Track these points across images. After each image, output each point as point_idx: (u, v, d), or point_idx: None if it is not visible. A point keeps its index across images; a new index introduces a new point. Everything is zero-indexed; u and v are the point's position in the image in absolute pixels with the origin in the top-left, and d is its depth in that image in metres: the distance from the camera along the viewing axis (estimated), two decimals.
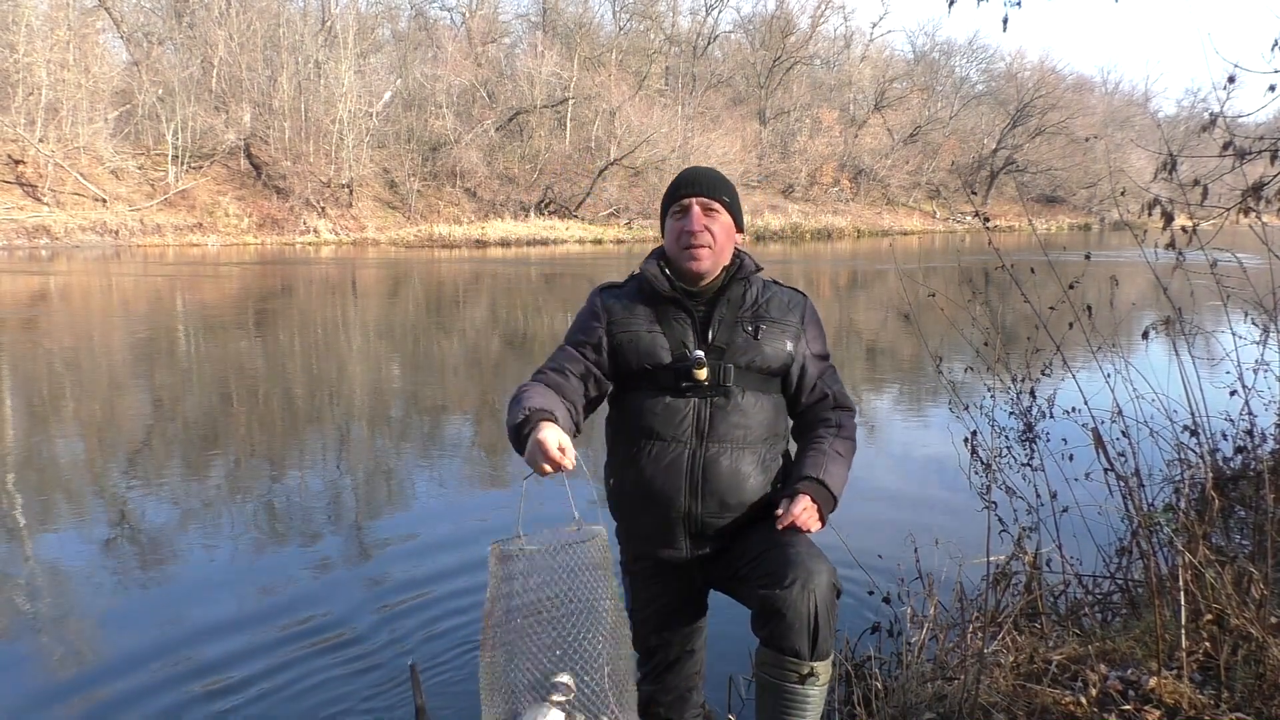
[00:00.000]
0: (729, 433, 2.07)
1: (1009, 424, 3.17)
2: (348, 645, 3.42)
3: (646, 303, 2.15)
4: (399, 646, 3.40)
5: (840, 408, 2.21)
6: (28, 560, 4.36)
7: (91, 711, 2.98)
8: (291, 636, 3.48)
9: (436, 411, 7.92)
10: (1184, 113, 56.13)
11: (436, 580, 4.01)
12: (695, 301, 2.13)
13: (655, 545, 2.13)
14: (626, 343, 2.12)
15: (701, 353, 2.07)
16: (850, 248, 37.68)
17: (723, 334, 2.10)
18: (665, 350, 2.09)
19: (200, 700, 3.02)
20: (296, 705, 3.00)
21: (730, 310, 2.13)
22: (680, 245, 2.11)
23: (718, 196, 2.12)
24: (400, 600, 3.81)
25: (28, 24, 32.82)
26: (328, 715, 2.95)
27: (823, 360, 2.22)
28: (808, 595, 1.84)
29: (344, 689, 3.10)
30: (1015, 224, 44.79)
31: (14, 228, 29.93)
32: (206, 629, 3.55)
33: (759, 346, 2.09)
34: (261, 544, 4.55)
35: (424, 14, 51.20)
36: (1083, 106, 58.92)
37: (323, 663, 3.28)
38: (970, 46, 66.30)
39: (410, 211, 39.06)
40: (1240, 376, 3.16)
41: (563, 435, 1.86)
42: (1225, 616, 2.12)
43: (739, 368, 2.08)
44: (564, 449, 1.84)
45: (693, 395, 2.07)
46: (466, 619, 3.62)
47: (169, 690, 3.09)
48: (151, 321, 13.98)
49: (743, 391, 2.08)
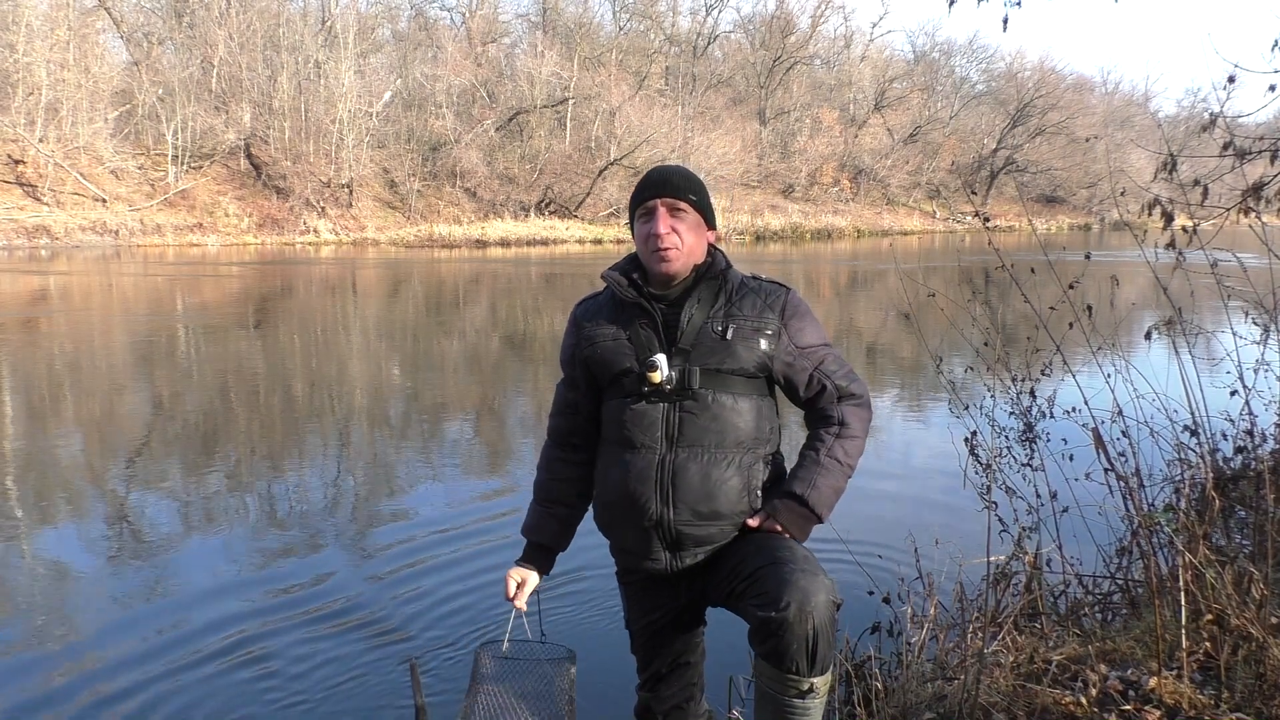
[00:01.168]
0: (699, 438, 2.01)
1: (1009, 424, 3.17)
2: (347, 645, 3.41)
3: (615, 310, 2.13)
4: (399, 646, 3.40)
5: (845, 398, 2.11)
6: (27, 556, 4.37)
7: (90, 711, 2.98)
8: (292, 635, 3.48)
9: (436, 410, 7.92)
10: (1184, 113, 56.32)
11: (436, 580, 4.01)
12: (662, 304, 2.08)
13: (637, 558, 2.10)
14: (594, 355, 2.11)
15: (661, 357, 2.02)
16: (850, 248, 37.69)
17: (689, 336, 2.04)
18: (629, 356, 2.06)
19: (196, 699, 3.02)
20: (297, 705, 3.00)
21: (700, 310, 2.06)
22: (649, 249, 2.06)
23: (684, 196, 2.05)
24: (400, 601, 3.82)
25: (28, 24, 32.83)
26: (327, 715, 2.95)
27: (818, 349, 2.10)
28: (805, 617, 1.78)
29: (344, 689, 3.10)
30: (1015, 224, 44.83)
31: (14, 228, 29.94)
32: (205, 629, 3.55)
33: (729, 347, 2.02)
34: (261, 543, 4.54)
35: (424, 14, 51.29)
36: (1083, 106, 59.01)
37: (323, 663, 3.28)
38: (970, 46, 66.69)
39: (410, 211, 39.08)
40: (1240, 376, 3.15)
41: (526, 575, 2.22)
42: (1225, 616, 2.12)
43: (707, 370, 2.02)
44: (520, 588, 2.21)
45: (660, 400, 2.03)
46: (467, 618, 3.62)
47: (169, 688, 3.09)
48: (152, 321, 13.98)
49: (713, 394, 2.02)
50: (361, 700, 3.04)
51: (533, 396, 8.78)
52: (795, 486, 2.05)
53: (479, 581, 3.98)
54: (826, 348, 2.12)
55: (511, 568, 2.24)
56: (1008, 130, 56.92)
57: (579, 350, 2.16)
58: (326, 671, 3.22)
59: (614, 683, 2.74)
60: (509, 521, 4.84)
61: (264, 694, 3.07)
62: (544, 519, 2.25)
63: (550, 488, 2.26)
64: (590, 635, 3.43)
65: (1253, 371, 3.20)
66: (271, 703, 3.02)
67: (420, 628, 3.57)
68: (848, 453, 2.09)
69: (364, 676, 3.19)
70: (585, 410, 2.20)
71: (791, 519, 2.03)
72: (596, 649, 3.20)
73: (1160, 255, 2.89)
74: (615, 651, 2.64)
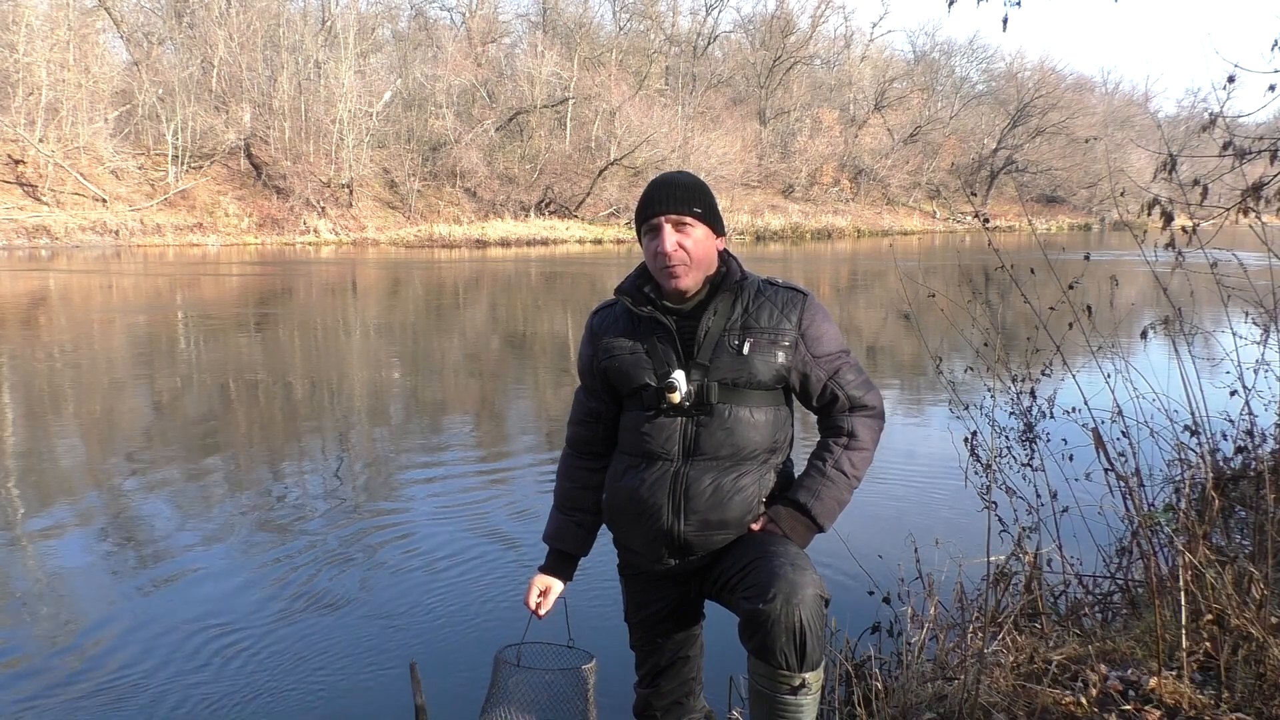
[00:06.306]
0: (715, 450, 2.02)
1: (1009, 424, 3.17)
2: (347, 644, 3.41)
3: (630, 321, 2.12)
4: (399, 646, 3.40)
5: (856, 409, 2.10)
6: (26, 554, 4.37)
7: (89, 709, 2.98)
8: (291, 635, 3.48)
9: (436, 409, 7.92)
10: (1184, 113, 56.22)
11: (436, 579, 4.01)
12: (677, 317, 2.07)
13: (643, 560, 2.13)
14: (612, 368, 2.12)
15: (678, 375, 2.01)
16: (850, 248, 37.68)
17: (706, 349, 2.03)
18: (647, 371, 2.05)
19: (197, 697, 3.02)
20: (297, 705, 3.00)
21: (716, 323, 2.05)
22: (658, 265, 2.05)
23: (689, 210, 2.03)
24: (400, 600, 3.82)
25: (28, 24, 32.83)
26: (327, 714, 2.95)
27: (834, 358, 2.09)
28: (792, 610, 1.80)
29: (344, 689, 3.10)
30: (1015, 224, 44.81)
31: (14, 228, 29.94)
32: (204, 628, 3.54)
33: (746, 361, 2.01)
34: (261, 542, 4.54)
35: (424, 14, 51.28)
36: (1083, 106, 58.95)
37: (323, 662, 3.28)
38: (970, 46, 66.59)
39: (410, 211, 39.07)
40: (1240, 376, 3.15)
41: (550, 583, 2.24)
42: (1225, 616, 2.12)
43: (725, 385, 2.01)
44: (544, 596, 2.23)
45: (677, 414, 2.04)
46: (467, 618, 3.62)
47: (167, 687, 3.09)
48: (152, 321, 13.97)
49: (731, 408, 2.02)
50: (361, 700, 3.04)
51: (533, 396, 8.78)
52: (799, 495, 2.06)
53: (479, 581, 3.99)
54: (843, 356, 2.11)
55: (534, 575, 2.26)
56: (1008, 130, 56.89)
57: (597, 361, 2.16)
58: (326, 671, 3.22)
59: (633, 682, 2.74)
60: (509, 521, 4.84)
61: (263, 693, 3.06)
62: (566, 526, 2.26)
63: (572, 495, 2.26)
64: (611, 636, 3.42)
65: (1253, 371, 3.20)
66: (271, 702, 3.02)
67: (420, 627, 3.57)
68: (854, 464, 2.09)
69: (364, 676, 3.19)
70: (607, 419, 2.21)
71: (793, 526, 2.05)
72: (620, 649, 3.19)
73: (1160, 255, 2.89)
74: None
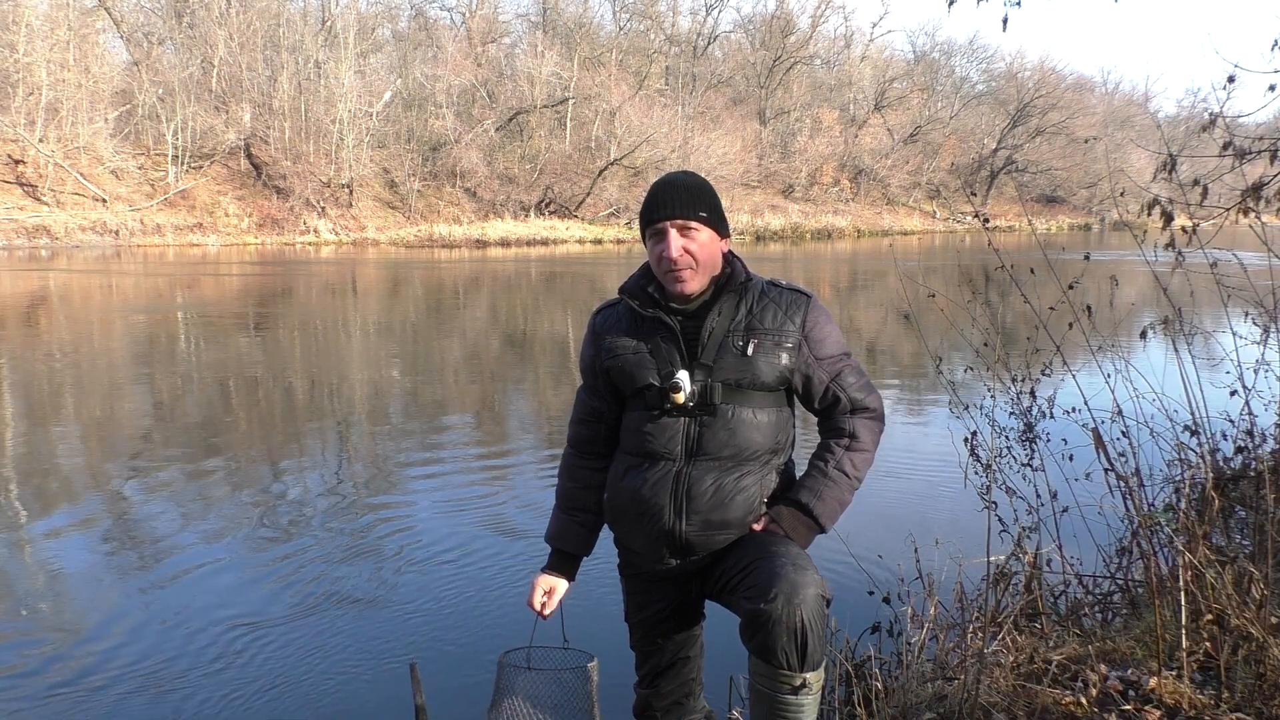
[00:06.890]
0: (718, 450, 2.02)
1: (1009, 424, 3.17)
2: (347, 644, 3.41)
3: (633, 321, 2.12)
4: (399, 646, 3.40)
5: (857, 411, 2.11)
6: (26, 552, 4.37)
7: (89, 708, 2.98)
8: (291, 635, 3.48)
9: (436, 408, 7.92)
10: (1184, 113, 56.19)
11: (437, 579, 4.01)
12: (681, 318, 2.07)
13: (644, 560, 2.13)
14: (615, 367, 2.12)
15: (683, 375, 2.02)
16: (850, 248, 37.68)
17: (710, 350, 2.03)
18: (651, 371, 2.05)
19: (197, 697, 3.02)
20: (297, 704, 3.00)
21: (721, 324, 2.05)
22: (662, 269, 2.06)
23: (694, 214, 2.03)
24: (400, 600, 3.82)
25: (28, 24, 32.82)
26: (327, 714, 2.95)
27: (836, 360, 2.10)
28: (793, 610, 1.80)
29: (344, 688, 3.10)
30: (1015, 224, 44.81)
31: (14, 228, 29.94)
32: (204, 627, 3.55)
33: (750, 363, 2.02)
34: (261, 542, 4.54)
35: (424, 14, 51.27)
36: (1083, 106, 58.94)
37: (323, 662, 3.28)
38: (970, 46, 66.54)
39: (410, 211, 39.06)
40: (1240, 376, 3.16)
41: (554, 583, 2.23)
42: (1225, 616, 2.12)
43: (728, 385, 2.02)
44: (549, 596, 2.22)
45: (680, 414, 2.04)
46: (468, 618, 3.62)
47: (168, 686, 3.09)
48: (152, 321, 13.98)
49: (734, 409, 2.02)
50: (361, 700, 3.04)
51: (533, 396, 8.78)
52: (801, 496, 2.07)
53: (480, 581, 3.99)
54: (845, 358, 2.12)
55: (537, 576, 2.25)
56: (1008, 130, 56.88)
57: (599, 361, 2.16)
58: (326, 671, 3.22)
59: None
60: (509, 521, 4.84)
61: (263, 693, 3.07)
62: (568, 526, 2.26)
63: (574, 495, 2.26)
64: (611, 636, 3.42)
65: (1253, 371, 3.20)
66: (271, 702, 3.02)
67: (420, 627, 3.57)
68: (855, 466, 2.10)
69: (364, 676, 3.19)
70: (609, 418, 2.21)
71: (795, 526, 2.05)
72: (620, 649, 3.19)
73: (1160, 255, 2.89)
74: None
